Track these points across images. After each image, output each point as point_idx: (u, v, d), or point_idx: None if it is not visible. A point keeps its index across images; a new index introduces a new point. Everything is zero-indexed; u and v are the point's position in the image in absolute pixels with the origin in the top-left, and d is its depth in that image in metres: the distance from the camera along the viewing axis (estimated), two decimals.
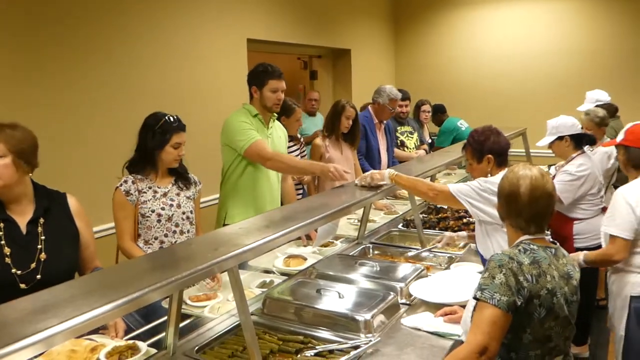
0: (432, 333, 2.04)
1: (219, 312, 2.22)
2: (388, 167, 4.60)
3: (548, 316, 1.65)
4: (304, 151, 4.18)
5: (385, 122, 4.69)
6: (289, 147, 3.88)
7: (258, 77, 3.17)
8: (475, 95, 7.30)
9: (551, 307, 1.65)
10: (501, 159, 2.54)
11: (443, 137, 6.05)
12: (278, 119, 3.56)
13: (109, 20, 3.58)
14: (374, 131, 4.52)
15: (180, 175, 2.71)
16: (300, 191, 4.02)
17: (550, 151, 3.65)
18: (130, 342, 1.93)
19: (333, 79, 6.81)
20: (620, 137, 2.84)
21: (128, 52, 3.71)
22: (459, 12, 7.33)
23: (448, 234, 3.02)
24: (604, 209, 3.36)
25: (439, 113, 6.24)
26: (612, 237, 2.61)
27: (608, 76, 6.39)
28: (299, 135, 4.08)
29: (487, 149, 2.54)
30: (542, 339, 1.67)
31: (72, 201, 2.18)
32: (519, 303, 1.60)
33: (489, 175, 2.53)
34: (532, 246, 1.72)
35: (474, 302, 1.70)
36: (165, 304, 2.20)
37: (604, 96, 5.17)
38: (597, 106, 4.79)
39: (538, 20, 6.87)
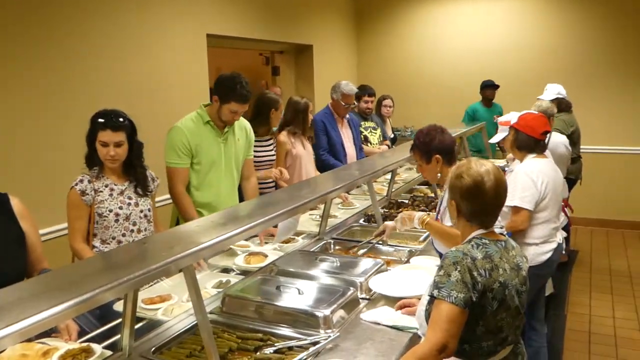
0: (390, 327, 2.06)
1: (172, 314, 2.18)
2: (358, 158, 4.65)
3: (500, 308, 1.68)
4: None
5: (347, 116, 4.72)
6: (268, 142, 3.86)
7: (223, 91, 3.10)
8: (435, 90, 7.39)
9: (503, 299, 1.68)
10: (449, 157, 2.56)
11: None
12: (268, 114, 3.55)
13: (62, 14, 3.47)
14: (334, 126, 4.54)
15: (134, 177, 2.65)
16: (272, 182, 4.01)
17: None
18: (84, 344, 1.88)
19: (295, 74, 6.78)
20: (513, 121, 3.22)
21: (81, 47, 3.59)
22: (420, 8, 7.40)
23: (389, 223, 2.86)
24: None
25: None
26: (517, 209, 2.97)
27: (564, 72, 6.56)
28: (274, 129, 4.07)
29: (434, 148, 2.56)
30: (494, 330, 1.70)
31: (15, 202, 2.12)
32: (474, 298, 1.63)
33: (439, 175, 2.56)
34: (484, 240, 1.75)
35: (427, 295, 1.72)
36: (117, 307, 2.15)
37: (563, 90, 5.30)
38: (555, 99, 4.93)
39: (496, 18, 7.00)
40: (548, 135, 3.23)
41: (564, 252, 3.39)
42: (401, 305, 2.17)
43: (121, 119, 2.53)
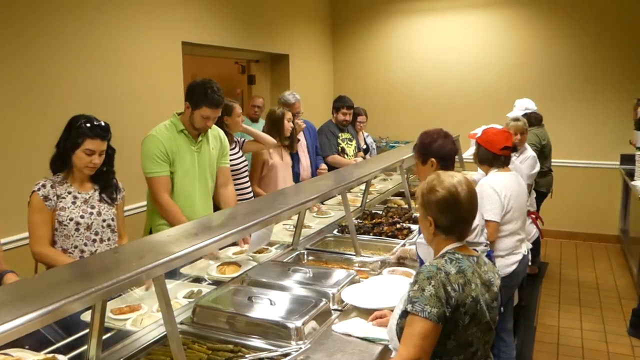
0: (362, 338, 2.05)
1: (141, 325, 2.14)
2: (312, 169, 4.68)
3: (471, 322, 1.69)
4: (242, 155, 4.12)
5: (303, 124, 4.81)
6: (233, 151, 3.85)
7: (195, 97, 3.07)
8: (409, 102, 7.48)
9: (474, 314, 1.69)
10: (445, 164, 2.59)
11: None
12: (220, 121, 3.53)
13: (32, 16, 3.41)
14: None
15: (103, 184, 2.62)
16: (250, 191, 4.00)
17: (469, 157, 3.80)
18: (50, 355, 1.84)
19: (271, 83, 6.78)
20: (478, 134, 3.30)
21: (50, 51, 3.52)
22: (395, 20, 7.49)
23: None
24: (528, 212, 3.57)
25: None
26: (486, 222, 3.00)
27: (535, 87, 6.71)
28: (238, 138, 4.04)
29: (431, 151, 2.60)
30: (464, 344, 1.71)
31: None
32: (447, 313, 1.63)
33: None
34: (457, 255, 1.75)
35: (399, 309, 1.72)
36: (84, 317, 2.10)
37: (531, 105, 5.41)
38: (524, 114, 5.02)
39: (470, 32, 7.12)
40: (510, 150, 3.25)
41: (532, 264, 3.46)
42: (374, 317, 2.16)
43: (109, 131, 2.52)
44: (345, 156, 5.22)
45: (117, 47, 4.04)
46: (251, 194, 3.98)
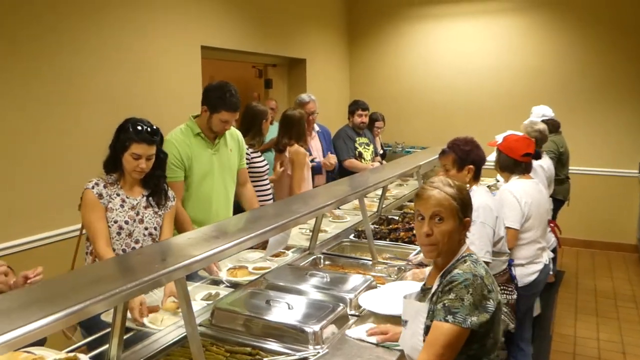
0: (375, 344, 2.05)
1: (162, 324, 2.17)
2: (328, 171, 4.71)
3: (500, 314, 1.70)
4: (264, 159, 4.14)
5: (318, 128, 4.86)
6: (258, 155, 3.87)
7: (213, 101, 3.06)
8: (425, 107, 7.46)
9: (500, 305, 1.70)
10: (478, 173, 2.63)
11: None
12: (260, 125, 3.64)
13: (60, 24, 3.47)
14: None
15: (153, 188, 2.61)
16: (270, 193, 4.02)
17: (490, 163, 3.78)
18: (71, 354, 1.87)
19: (288, 87, 6.81)
20: (499, 141, 3.26)
21: (78, 56, 3.59)
22: (411, 25, 7.48)
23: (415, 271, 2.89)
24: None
25: None
26: (506, 229, 2.91)
27: (552, 93, 6.65)
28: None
29: (470, 159, 2.63)
30: (498, 339, 1.71)
31: None
32: (488, 317, 1.60)
33: (467, 186, 2.59)
34: (473, 256, 1.75)
35: (421, 323, 1.68)
36: (104, 317, 2.13)
37: (548, 112, 5.38)
38: (542, 122, 4.99)
39: (488, 36, 7.09)
40: (532, 157, 3.26)
41: (551, 272, 3.42)
42: (374, 332, 2.10)
43: (156, 135, 2.52)
44: (363, 160, 5.22)
45: (138, 51, 4.09)
46: (271, 197, 4.00)
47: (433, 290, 1.73)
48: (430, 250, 1.73)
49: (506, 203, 3.02)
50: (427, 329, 1.66)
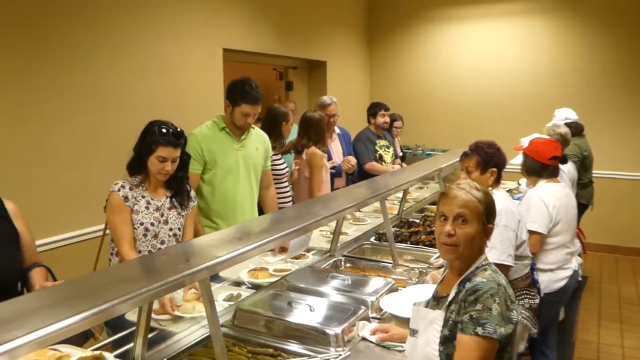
0: (375, 343, 2.05)
1: (195, 311, 2.22)
2: (348, 174, 4.70)
3: (517, 329, 1.65)
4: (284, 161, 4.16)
5: (338, 131, 4.86)
6: (278, 157, 3.90)
7: (234, 95, 3.14)
8: (446, 109, 7.41)
9: (518, 320, 1.65)
10: (500, 176, 2.63)
11: None
12: (280, 128, 3.67)
13: (85, 27, 3.53)
14: None
15: (176, 189, 2.65)
16: (289, 195, 4.04)
17: (516, 166, 3.74)
18: (97, 352, 1.89)
19: (308, 90, 6.83)
20: (525, 145, 3.25)
21: (100, 58, 3.65)
22: (432, 27, 7.45)
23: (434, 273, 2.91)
24: None
25: None
26: (529, 232, 2.85)
27: (575, 95, 6.55)
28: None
29: (494, 162, 2.63)
30: (514, 352, 1.67)
31: (9, 205, 2.17)
32: (512, 328, 1.55)
33: (490, 188, 2.59)
34: (492, 266, 1.70)
35: (436, 331, 1.63)
36: (128, 316, 2.16)
37: (572, 114, 5.30)
38: (564, 124, 4.92)
39: (509, 38, 7.03)
40: (559, 160, 3.22)
41: (580, 278, 3.37)
42: (375, 330, 2.10)
43: (181, 138, 2.55)
44: (383, 163, 5.21)
45: (162, 54, 4.14)
46: (291, 199, 4.02)
47: (450, 297, 1.66)
48: (449, 250, 1.68)
49: (533, 207, 2.99)
50: (444, 339, 1.61)
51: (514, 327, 1.57)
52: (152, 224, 2.56)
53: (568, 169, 4.45)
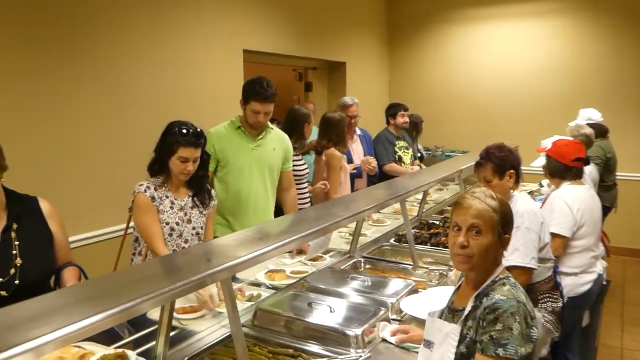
0: (395, 345, 2.04)
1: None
2: (369, 175, 4.69)
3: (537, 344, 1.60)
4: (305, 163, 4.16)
5: (360, 132, 4.86)
6: (299, 158, 3.91)
7: (246, 93, 3.19)
8: (466, 111, 7.35)
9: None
10: (518, 176, 2.60)
11: None
12: (302, 129, 3.73)
13: (108, 29, 3.58)
14: None
15: (197, 189, 2.67)
16: (308, 196, 4.05)
17: (538, 168, 3.71)
18: (120, 350, 1.91)
19: (328, 91, 6.83)
20: (547, 147, 3.21)
21: (123, 59, 3.69)
22: (453, 28, 7.40)
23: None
24: None
25: None
26: (552, 235, 2.80)
27: (598, 97, 6.45)
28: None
29: (509, 164, 2.59)
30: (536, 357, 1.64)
31: (44, 205, 2.19)
32: (533, 347, 1.51)
33: (512, 191, 2.56)
34: (511, 279, 1.65)
35: (452, 346, 1.59)
36: (150, 316, 2.18)
37: (596, 115, 5.21)
38: (587, 124, 4.85)
39: (531, 39, 6.95)
40: (583, 162, 3.17)
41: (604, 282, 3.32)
42: (396, 331, 2.09)
43: (202, 138, 2.57)
44: (403, 165, 5.19)
45: (183, 55, 4.18)
46: (309, 200, 4.02)
47: (467, 312, 1.62)
48: (462, 261, 1.63)
49: (557, 210, 2.95)
50: (460, 356, 1.58)
51: (535, 345, 1.53)
52: (177, 224, 2.58)
53: (590, 171, 4.39)
